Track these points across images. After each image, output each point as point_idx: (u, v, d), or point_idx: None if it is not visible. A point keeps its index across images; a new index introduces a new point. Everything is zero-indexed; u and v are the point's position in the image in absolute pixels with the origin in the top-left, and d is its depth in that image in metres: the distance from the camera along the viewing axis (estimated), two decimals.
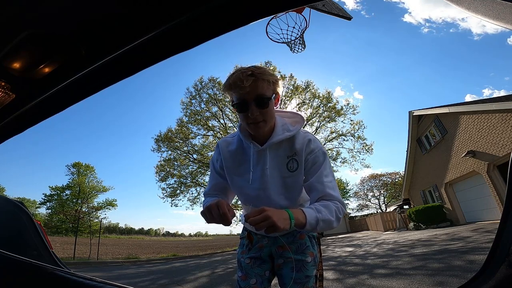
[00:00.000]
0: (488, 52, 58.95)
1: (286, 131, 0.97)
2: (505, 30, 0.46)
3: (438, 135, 11.56)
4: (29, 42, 0.46)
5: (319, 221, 0.81)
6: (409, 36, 62.21)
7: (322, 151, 0.98)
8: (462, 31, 55.99)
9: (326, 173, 0.94)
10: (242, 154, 1.01)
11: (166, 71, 75.49)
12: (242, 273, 1.06)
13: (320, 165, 0.95)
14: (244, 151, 1.01)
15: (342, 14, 3.04)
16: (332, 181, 0.94)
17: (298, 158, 0.95)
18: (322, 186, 0.90)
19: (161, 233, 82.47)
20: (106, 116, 69.22)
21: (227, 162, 1.02)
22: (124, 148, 77.01)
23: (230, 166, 1.02)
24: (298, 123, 1.02)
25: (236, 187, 1.03)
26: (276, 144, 0.96)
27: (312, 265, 1.02)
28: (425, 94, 74.87)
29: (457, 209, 11.20)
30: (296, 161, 0.95)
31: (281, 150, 0.97)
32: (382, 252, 6.21)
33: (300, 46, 3.80)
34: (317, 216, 0.81)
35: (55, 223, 30.20)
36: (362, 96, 67.45)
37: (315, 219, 0.80)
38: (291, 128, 0.98)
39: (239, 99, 0.88)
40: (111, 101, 69.25)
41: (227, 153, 1.03)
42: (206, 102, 16.44)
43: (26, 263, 0.74)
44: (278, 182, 0.97)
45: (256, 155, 0.97)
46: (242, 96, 0.87)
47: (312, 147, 0.96)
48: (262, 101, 0.87)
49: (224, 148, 1.04)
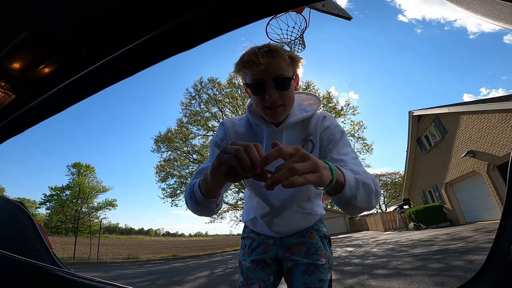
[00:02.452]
0: (485, 51, 59.15)
1: (303, 111, 0.86)
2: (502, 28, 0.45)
3: (438, 135, 11.56)
4: (29, 42, 0.46)
5: (359, 183, 0.60)
6: (403, 34, 62.40)
7: (339, 128, 0.85)
8: (457, 29, 56.15)
9: (346, 151, 0.78)
10: (252, 138, 0.88)
11: (166, 71, 75.47)
12: (244, 278, 0.96)
13: (338, 142, 0.81)
14: (255, 135, 0.88)
15: (342, 14, 3.04)
16: (357, 158, 0.77)
17: (313, 138, 0.84)
18: (343, 163, 0.71)
19: (161, 233, 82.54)
20: (106, 117, 69.27)
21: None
22: (124, 148, 77.04)
23: None
24: (314, 104, 0.91)
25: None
26: (293, 125, 0.85)
27: (327, 267, 0.90)
28: (423, 93, 75.17)
29: (457, 209, 11.20)
30: (312, 142, 0.84)
31: (296, 131, 0.86)
32: (382, 252, 6.21)
33: (300, 46, 3.80)
34: (356, 177, 0.60)
35: (55, 223, 30.22)
36: (358, 96, 67.57)
37: (354, 180, 0.59)
38: (308, 109, 0.87)
39: (255, 79, 0.76)
40: (111, 101, 69.30)
41: (233, 134, 0.89)
42: (205, 102, 16.45)
43: (26, 263, 0.74)
44: None
45: (270, 138, 0.84)
46: (258, 75, 0.75)
47: (327, 124, 0.85)
48: (282, 82, 0.76)
49: (230, 128, 0.90)
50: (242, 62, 0.76)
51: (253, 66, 0.73)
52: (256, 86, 0.77)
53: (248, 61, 0.74)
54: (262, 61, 0.72)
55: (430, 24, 60.32)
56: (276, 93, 0.75)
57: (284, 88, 0.76)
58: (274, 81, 0.75)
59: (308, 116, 0.85)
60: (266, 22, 3.46)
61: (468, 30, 57.01)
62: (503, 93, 51.55)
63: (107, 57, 0.50)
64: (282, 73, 0.75)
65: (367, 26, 65.43)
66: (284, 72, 0.76)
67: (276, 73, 0.75)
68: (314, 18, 4.82)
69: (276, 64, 0.74)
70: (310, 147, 0.84)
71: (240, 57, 0.79)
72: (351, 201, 0.59)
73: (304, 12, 3.39)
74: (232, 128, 0.90)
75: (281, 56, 0.75)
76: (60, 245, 14.30)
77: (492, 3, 0.37)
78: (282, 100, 0.77)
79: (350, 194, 0.58)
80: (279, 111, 0.78)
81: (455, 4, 0.42)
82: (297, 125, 0.86)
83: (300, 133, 0.86)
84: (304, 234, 0.96)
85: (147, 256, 11.70)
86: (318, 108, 0.90)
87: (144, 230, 78.96)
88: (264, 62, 0.72)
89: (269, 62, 0.73)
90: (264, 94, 0.76)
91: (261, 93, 0.76)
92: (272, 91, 0.75)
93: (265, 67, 0.73)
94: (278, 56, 0.75)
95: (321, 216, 1.00)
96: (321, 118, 0.86)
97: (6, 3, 0.40)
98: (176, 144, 16.70)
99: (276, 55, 0.74)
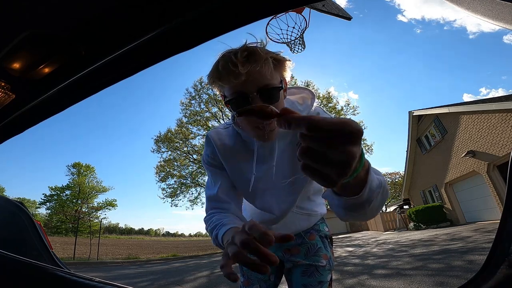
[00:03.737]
0: (485, 51, 59.19)
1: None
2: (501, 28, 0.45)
3: (438, 135, 11.56)
4: (29, 42, 0.46)
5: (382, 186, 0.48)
6: (403, 34, 62.43)
7: None
8: (457, 29, 56.22)
9: None
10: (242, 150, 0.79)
11: (166, 71, 75.49)
12: (244, 278, 0.95)
13: None
14: (244, 146, 0.79)
15: (342, 14, 3.04)
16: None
17: None
18: None
19: (161, 233, 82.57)
20: (106, 117, 69.28)
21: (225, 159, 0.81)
22: (124, 149, 77.05)
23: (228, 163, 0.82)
24: (307, 99, 0.79)
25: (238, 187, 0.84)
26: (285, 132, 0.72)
27: (328, 269, 0.88)
28: (422, 93, 75.19)
29: (457, 209, 11.20)
30: None
31: (289, 137, 0.76)
32: (382, 252, 6.21)
33: (300, 46, 3.80)
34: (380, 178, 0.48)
35: (55, 223, 30.23)
36: (357, 96, 67.58)
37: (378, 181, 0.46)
38: (301, 108, 0.76)
39: (235, 93, 0.63)
40: (111, 102, 69.31)
41: (222, 148, 0.80)
42: (205, 102, 16.45)
43: (26, 263, 0.74)
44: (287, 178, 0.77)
45: (262, 150, 0.76)
46: (238, 88, 0.62)
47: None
48: (269, 93, 0.63)
49: (217, 142, 0.81)
50: (217, 73, 0.62)
51: (230, 77, 0.60)
52: (237, 101, 0.63)
53: (224, 71, 0.60)
54: (242, 70, 0.58)
55: (429, 24, 60.44)
56: None
57: (273, 100, 0.63)
58: (260, 92, 0.62)
59: None
60: (266, 22, 3.46)
61: (467, 30, 57.13)
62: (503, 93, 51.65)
63: (107, 57, 0.50)
64: (268, 82, 0.62)
65: (367, 26, 65.58)
66: (271, 80, 0.63)
67: (261, 82, 0.62)
68: (314, 18, 4.82)
69: (259, 71, 0.61)
70: None
71: (214, 65, 0.65)
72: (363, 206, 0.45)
73: (304, 12, 3.39)
74: (220, 141, 0.80)
75: (264, 60, 0.61)
76: (60, 245, 14.30)
77: (492, 3, 0.37)
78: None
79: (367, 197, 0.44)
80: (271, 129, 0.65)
81: (455, 4, 0.42)
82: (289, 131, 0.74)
83: (293, 138, 0.76)
84: (304, 235, 0.94)
85: (147, 256, 11.70)
86: (312, 103, 0.78)
87: (144, 230, 79.02)
88: (245, 71, 0.59)
89: (251, 70, 0.59)
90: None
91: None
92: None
93: (246, 76, 0.59)
94: (261, 60, 0.61)
95: (321, 215, 0.98)
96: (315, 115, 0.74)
97: (6, 3, 0.40)
98: (176, 144, 16.71)
99: (258, 59, 0.60)
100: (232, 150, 0.80)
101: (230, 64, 0.59)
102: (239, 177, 0.81)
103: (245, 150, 0.79)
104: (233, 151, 0.80)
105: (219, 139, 0.81)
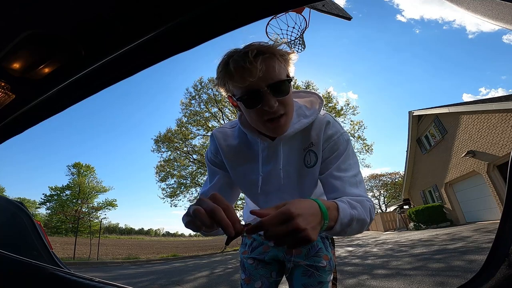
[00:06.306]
0: (484, 51, 59.24)
1: (303, 117, 0.76)
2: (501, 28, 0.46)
3: (438, 135, 11.56)
4: (29, 42, 0.46)
5: (353, 221, 0.57)
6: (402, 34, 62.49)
7: (344, 137, 0.76)
8: (456, 29, 56.29)
9: (348, 165, 0.72)
10: (246, 150, 0.80)
11: (166, 71, 75.51)
12: (246, 275, 0.94)
13: (340, 155, 0.73)
14: (249, 147, 0.80)
15: (342, 14, 3.04)
16: (357, 175, 0.71)
17: (316, 149, 0.75)
18: (342, 183, 0.68)
19: (161, 233, 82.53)
20: (106, 117, 69.28)
21: (227, 159, 0.82)
22: (124, 148, 77.07)
23: (231, 164, 0.83)
24: (314, 103, 0.80)
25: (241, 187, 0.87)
26: (291, 137, 0.75)
27: (328, 269, 0.88)
28: (422, 93, 75.18)
29: (457, 209, 11.20)
30: (314, 153, 0.75)
31: (295, 141, 0.77)
32: (382, 252, 6.21)
33: (300, 46, 3.80)
34: (352, 213, 0.57)
35: (55, 223, 30.21)
36: (357, 96, 67.63)
37: (349, 216, 0.56)
38: (308, 113, 0.77)
39: (248, 90, 0.64)
40: (111, 102, 69.34)
41: (226, 148, 0.81)
42: (205, 102, 16.45)
43: (26, 263, 0.74)
44: (293, 183, 0.79)
45: (266, 152, 0.76)
46: (251, 85, 0.63)
47: (331, 132, 0.75)
48: (280, 87, 0.65)
49: (221, 141, 0.82)
50: (229, 74, 0.64)
51: (245, 75, 0.61)
52: (250, 98, 0.65)
53: (237, 70, 0.62)
54: (257, 66, 0.61)
55: (428, 24, 60.42)
56: (275, 101, 0.65)
57: (283, 93, 0.66)
58: (271, 87, 0.64)
59: (309, 123, 0.75)
60: (266, 22, 3.46)
61: (467, 29, 57.13)
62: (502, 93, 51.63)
63: (107, 57, 0.50)
64: (277, 77, 0.65)
65: (366, 26, 65.55)
66: (279, 74, 0.65)
67: (271, 77, 0.64)
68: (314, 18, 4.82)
69: (270, 66, 0.64)
70: (313, 159, 0.76)
71: (221, 66, 0.66)
72: (339, 233, 0.59)
73: (304, 12, 3.39)
74: (224, 141, 0.82)
75: (274, 56, 0.65)
76: (60, 245, 14.30)
77: (492, 3, 0.37)
78: (283, 108, 0.67)
79: (340, 230, 0.56)
80: (282, 122, 0.68)
81: (455, 4, 0.42)
82: (296, 135, 0.76)
83: (300, 143, 0.77)
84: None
85: (147, 256, 11.70)
86: (320, 109, 0.79)
87: (144, 230, 79.00)
88: (260, 68, 0.61)
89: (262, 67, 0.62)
90: (261, 105, 0.65)
91: (257, 104, 0.65)
92: (271, 100, 0.64)
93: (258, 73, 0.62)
94: (269, 56, 0.64)
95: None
96: (325, 124, 0.76)
97: (6, 3, 0.40)
98: (176, 144, 16.71)
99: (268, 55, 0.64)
100: (236, 150, 0.81)
101: (243, 62, 0.61)
102: (242, 177, 0.83)
103: (250, 150, 0.80)
104: (237, 151, 0.81)
105: (224, 139, 0.83)
